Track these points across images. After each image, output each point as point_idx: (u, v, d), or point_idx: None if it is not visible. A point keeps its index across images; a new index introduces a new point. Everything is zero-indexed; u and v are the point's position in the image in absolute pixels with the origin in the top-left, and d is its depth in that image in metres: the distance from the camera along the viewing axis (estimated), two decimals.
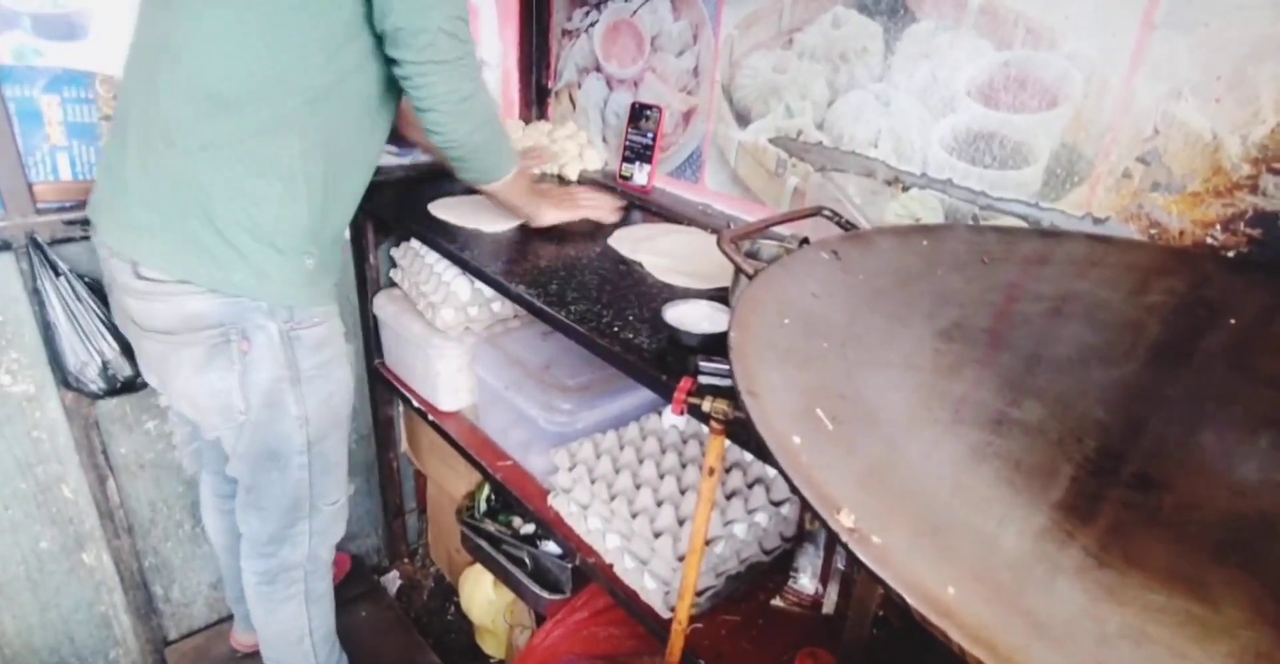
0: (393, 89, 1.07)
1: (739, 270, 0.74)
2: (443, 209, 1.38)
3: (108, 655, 1.63)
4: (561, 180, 1.62)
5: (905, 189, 1.16)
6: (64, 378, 1.27)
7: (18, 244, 1.19)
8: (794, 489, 0.41)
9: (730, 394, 0.74)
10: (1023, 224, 1.04)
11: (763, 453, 0.47)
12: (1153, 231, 0.94)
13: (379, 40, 0.99)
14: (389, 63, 1.01)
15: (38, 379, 1.32)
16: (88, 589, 1.54)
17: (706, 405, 0.74)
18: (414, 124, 1.20)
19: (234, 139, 0.95)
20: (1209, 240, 0.90)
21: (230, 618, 1.67)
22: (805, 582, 1.06)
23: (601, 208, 1.37)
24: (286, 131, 0.96)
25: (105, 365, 1.25)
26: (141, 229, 0.98)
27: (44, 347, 1.27)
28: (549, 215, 1.30)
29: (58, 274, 1.20)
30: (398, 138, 1.56)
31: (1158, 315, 0.79)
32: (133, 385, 1.30)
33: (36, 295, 1.21)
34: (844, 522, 0.38)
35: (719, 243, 0.77)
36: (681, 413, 0.76)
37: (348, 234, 1.60)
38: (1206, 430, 0.60)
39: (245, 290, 1.00)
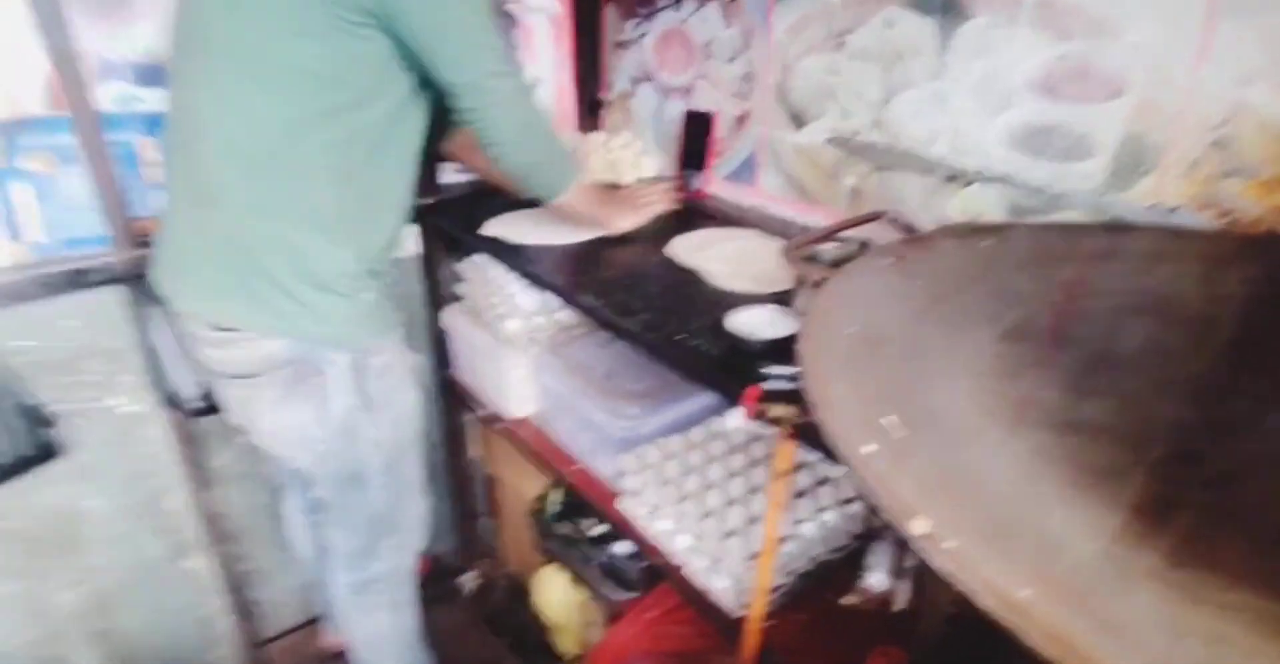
0: (418, 124, 1.10)
1: (805, 281, 0.76)
2: (503, 224, 1.43)
3: (212, 654, 1.74)
4: (616, 187, 1.65)
5: (966, 186, 1.15)
6: (167, 398, 1.36)
7: (125, 276, 1.28)
8: (868, 499, 0.43)
9: (796, 398, 0.76)
10: (1088, 217, 1.03)
11: (834, 457, 0.49)
12: (1226, 220, 0.92)
13: (401, 85, 1.03)
14: (450, 110, 1.06)
15: (144, 400, 1.41)
16: (191, 593, 1.64)
17: (774, 411, 0.77)
18: (474, 151, 1.26)
19: (280, 197, 0.99)
20: None
21: (319, 618, 1.76)
22: (875, 579, 1.06)
23: (663, 200, 1.43)
24: (327, 185, 1.01)
25: (202, 386, 1.34)
26: (210, 290, 1.04)
27: (149, 370, 1.37)
28: (624, 222, 1.33)
29: (159, 302, 1.29)
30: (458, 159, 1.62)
31: (1234, 307, 0.78)
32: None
33: (141, 323, 1.31)
34: (918, 528, 0.40)
35: (784, 254, 0.79)
36: (754, 419, 0.78)
37: (415, 249, 1.67)
38: None
39: (314, 335, 1.05)
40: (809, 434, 0.78)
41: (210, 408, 1.39)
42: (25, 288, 1.22)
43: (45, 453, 1.31)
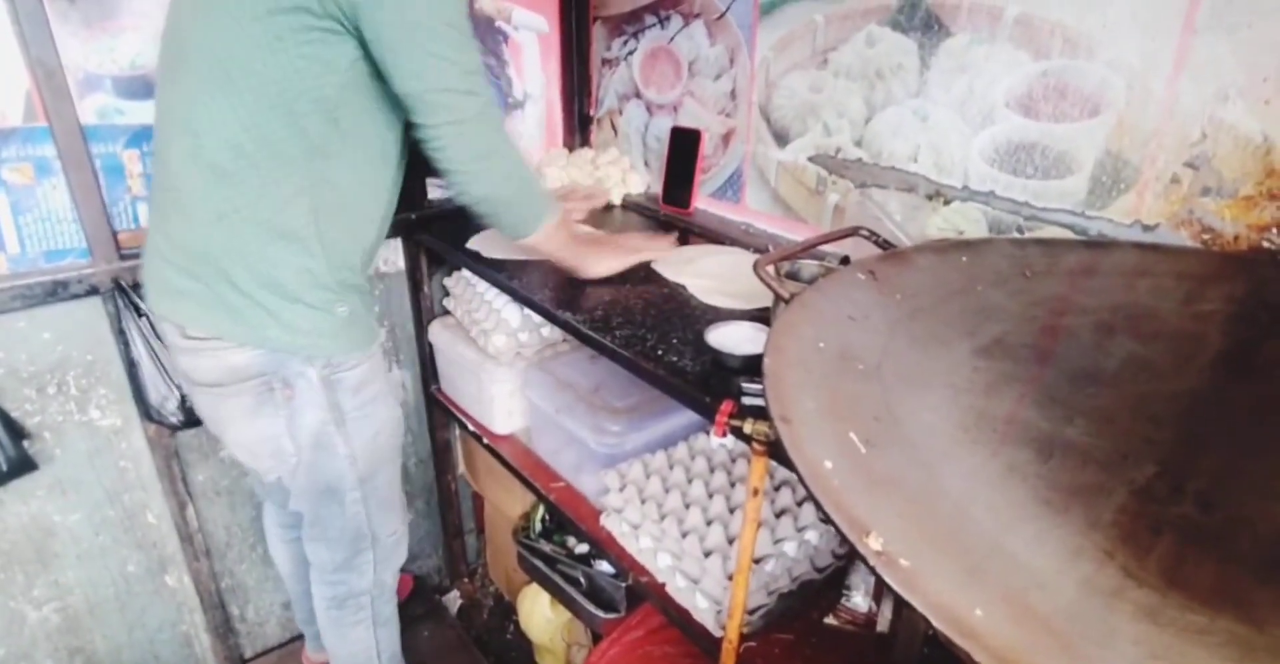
0: (395, 135, 1.06)
1: (779, 296, 0.76)
2: (489, 239, 1.43)
3: None
4: (606, 207, 1.65)
5: (947, 203, 1.15)
6: (147, 411, 1.35)
7: (105, 288, 1.27)
8: (824, 513, 0.42)
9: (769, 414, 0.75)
10: (1069, 234, 1.03)
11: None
12: (1205, 237, 0.92)
13: (375, 96, 0.99)
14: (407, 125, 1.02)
15: (124, 413, 1.40)
16: (170, 610, 1.62)
17: (748, 427, 0.76)
18: None
19: (242, 206, 0.97)
20: (1265, 244, 0.87)
21: (301, 637, 1.73)
22: (858, 600, 1.05)
23: (653, 251, 1.30)
24: (293, 194, 0.98)
25: (183, 399, 1.33)
26: (179, 294, 1.02)
27: (129, 383, 1.36)
28: (598, 267, 1.22)
29: (140, 314, 1.28)
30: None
31: (1214, 324, 0.77)
32: None
33: (121, 335, 1.30)
34: (872, 545, 0.39)
35: (755, 268, 0.79)
36: (724, 435, 0.77)
37: (402, 264, 1.67)
38: (1265, 442, 0.58)
39: (280, 346, 1.03)
40: (783, 452, 0.77)
41: (192, 421, 1.38)
42: (1, 300, 1.21)
43: (21, 466, 1.30)
